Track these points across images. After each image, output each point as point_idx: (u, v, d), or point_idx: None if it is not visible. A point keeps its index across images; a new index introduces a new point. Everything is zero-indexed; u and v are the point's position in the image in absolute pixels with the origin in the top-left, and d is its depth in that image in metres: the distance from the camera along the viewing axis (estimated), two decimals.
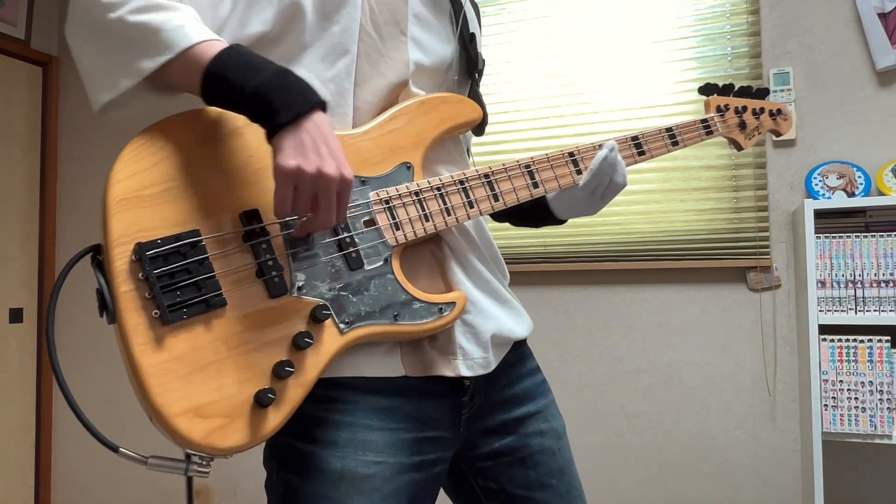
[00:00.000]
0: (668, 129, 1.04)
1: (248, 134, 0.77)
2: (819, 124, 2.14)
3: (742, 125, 1.14)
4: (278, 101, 0.71)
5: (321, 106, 0.74)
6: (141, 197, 0.71)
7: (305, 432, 0.80)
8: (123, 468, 2.92)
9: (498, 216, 1.08)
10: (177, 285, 0.70)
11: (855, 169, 2.07)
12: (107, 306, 0.69)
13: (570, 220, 1.07)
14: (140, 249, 0.69)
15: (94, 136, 3.05)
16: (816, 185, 2.10)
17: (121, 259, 0.69)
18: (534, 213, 1.04)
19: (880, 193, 2.03)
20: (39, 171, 3.06)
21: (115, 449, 0.71)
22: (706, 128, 1.09)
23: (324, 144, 0.71)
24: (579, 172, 0.95)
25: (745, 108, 1.14)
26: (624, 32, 2.37)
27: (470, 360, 0.86)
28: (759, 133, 1.17)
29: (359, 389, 0.81)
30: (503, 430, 0.93)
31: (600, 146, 0.96)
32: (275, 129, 0.71)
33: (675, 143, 1.04)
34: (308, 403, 0.78)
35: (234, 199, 0.75)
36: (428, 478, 0.84)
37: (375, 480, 0.79)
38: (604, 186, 0.95)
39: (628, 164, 1.00)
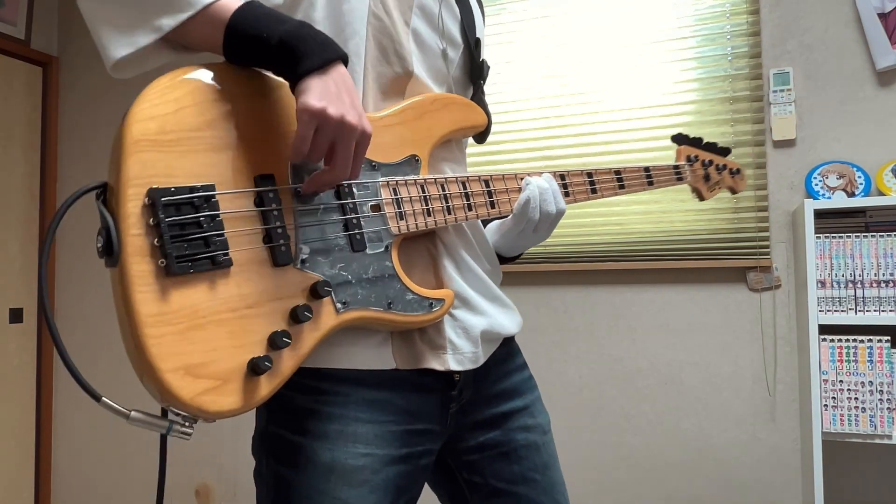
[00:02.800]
0: (647, 169, 1.10)
1: (270, 98, 0.76)
2: (819, 124, 2.14)
3: (706, 177, 1.24)
4: (305, 47, 0.71)
5: (344, 58, 0.74)
6: (159, 141, 0.68)
7: (296, 424, 0.81)
8: (124, 468, 2.92)
9: None
10: (186, 237, 0.68)
11: (855, 169, 2.07)
12: (111, 248, 0.65)
13: (569, 221, 1.09)
14: (154, 194, 0.66)
15: (94, 136, 3.05)
16: (816, 185, 2.10)
17: (133, 201, 0.66)
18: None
19: (880, 193, 2.03)
20: (39, 171, 3.06)
21: (97, 398, 0.69)
22: (678, 174, 1.18)
23: (347, 94, 0.72)
24: (567, 195, 0.99)
25: (710, 162, 1.24)
26: (624, 32, 2.37)
27: (460, 355, 0.87)
28: (720, 188, 1.27)
29: (350, 382, 0.82)
30: (490, 424, 0.94)
31: (526, 182, 0.95)
32: (301, 75, 0.70)
33: (651, 183, 1.11)
34: (299, 395, 0.79)
35: (251, 160, 0.74)
36: (415, 469, 0.86)
37: (364, 472, 0.80)
38: (535, 223, 0.94)
39: (607, 196, 1.05)
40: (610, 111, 2.37)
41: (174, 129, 0.69)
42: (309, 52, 0.71)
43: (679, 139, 1.22)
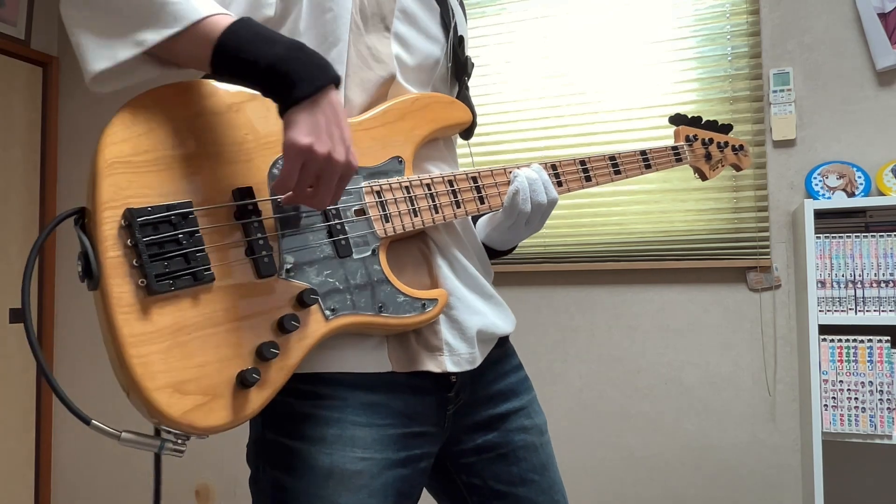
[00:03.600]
0: (643, 153, 1.07)
1: (245, 110, 0.76)
2: (819, 124, 2.14)
3: (708, 156, 1.20)
4: (296, 73, 0.69)
5: (337, 81, 0.72)
6: (133, 162, 0.68)
7: (294, 429, 0.80)
8: (124, 469, 2.92)
9: None
10: (165, 256, 0.68)
11: (855, 169, 2.07)
12: (90, 272, 0.66)
13: (569, 220, 1.08)
14: (130, 215, 0.67)
15: (95, 136, 3.05)
16: (816, 185, 2.10)
17: (109, 223, 0.66)
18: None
19: (880, 193, 2.03)
20: (39, 171, 3.06)
21: (87, 421, 0.69)
22: (676, 155, 1.14)
23: (337, 128, 0.70)
24: (560, 185, 0.98)
25: (711, 140, 1.21)
26: (624, 32, 2.37)
27: (456, 356, 0.86)
28: (723, 166, 1.23)
29: (346, 385, 0.81)
30: (487, 425, 0.94)
31: (515, 176, 0.94)
32: (292, 103, 0.69)
33: (648, 167, 1.08)
34: (296, 400, 0.78)
35: (228, 174, 0.74)
36: (414, 473, 0.85)
37: (363, 477, 0.79)
38: (526, 214, 0.93)
39: (603, 183, 1.03)
40: (610, 111, 2.37)
41: (147, 148, 0.69)
42: (299, 80, 0.68)
43: (677, 119, 1.19)
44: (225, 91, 0.76)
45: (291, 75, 0.68)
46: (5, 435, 2.85)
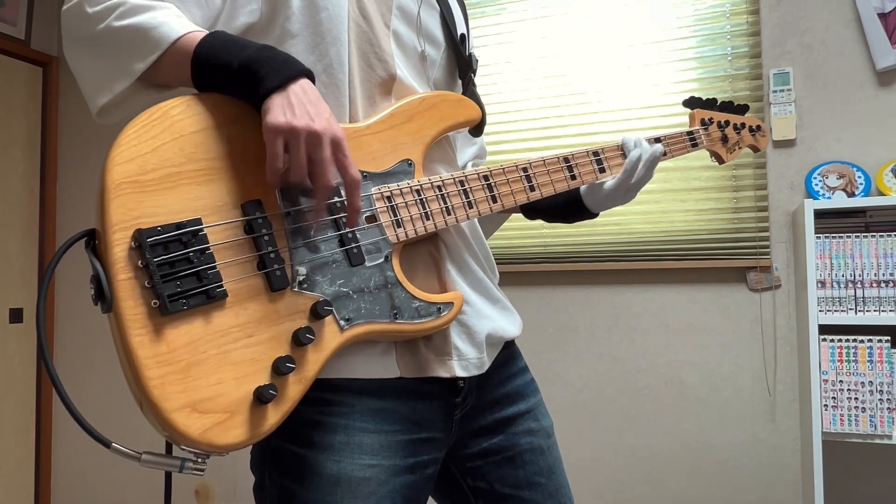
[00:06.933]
0: (658, 140, 1.06)
1: (249, 122, 0.76)
2: (819, 124, 2.14)
3: (724, 139, 1.18)
4: (265, 69, 0.72)
5: (308, 74, 0.75)
6: (141, 182, 0.68)
7: (301, 436, 0.80)
8: (124, 468, 2.92)
9: (529, 214, 1.10)
10: (177, 275, 0.68)
11: (855, 169, 2.07)
12: (103, 294, 0.66)
13: None
14: (140, 236, 0.67)
15: (94, 137, 3.05)
16: (816, 185, 2.10)
17: (119, 245, 0.67)
18: (567, 209, 1.05)
19: (880, 193, 2.03)
20: (39, 171, 3.06)
21: (107, 444, 0.69)
22: (692, 140, 1.12)
23: (310, 105, 0.72)
24: (574, 178, 0.97)
25: (727, 123, 1.18)
26: (623, 32, 2.37)
27: (465, 361, 0.86)
28: (740, 148, 1.21)
29: (354, 391, 0.81)
30: (493, 429, 0.93)
31: (618, 146, 1.02)
32: (263, 95, 0.72)
33: (663, 154, 1.07)
34: (303, 406, 0.78)
35: (236, 188, 0.73)
36: (421, 479, 0.85)
37: (371, 484, 0.79)
38: (642, 180, 1.00)
39: (617, 173, 1.03)
40: (610, 111, 2.37)
41: (154, 167, 0.69)
42: (268, 74, 0.72)
43: (691, 102, 1.16)
44: (227, 104, 0.75)
45: (261, 71, 0.72)
46: (5, 435, 2.85)
